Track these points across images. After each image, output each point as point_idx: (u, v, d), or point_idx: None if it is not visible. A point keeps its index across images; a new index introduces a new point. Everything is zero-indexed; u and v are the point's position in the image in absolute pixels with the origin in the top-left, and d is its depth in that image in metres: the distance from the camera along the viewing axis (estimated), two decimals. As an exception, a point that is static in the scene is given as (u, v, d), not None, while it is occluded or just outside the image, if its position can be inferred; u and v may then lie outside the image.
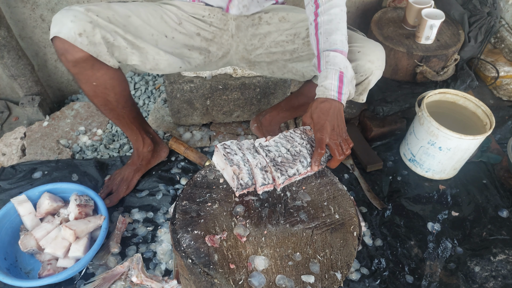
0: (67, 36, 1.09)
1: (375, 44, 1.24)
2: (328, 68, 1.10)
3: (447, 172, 1.71)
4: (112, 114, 1.38)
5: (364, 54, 1.20)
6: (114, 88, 1.28)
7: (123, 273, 1.33)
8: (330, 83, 1.08)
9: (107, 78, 1.24)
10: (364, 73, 1.23)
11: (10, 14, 1.77)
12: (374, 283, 1.39)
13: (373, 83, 1.27)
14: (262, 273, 0.92)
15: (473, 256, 1.48)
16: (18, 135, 1.84)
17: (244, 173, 1.05)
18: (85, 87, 1.25)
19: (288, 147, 1.09)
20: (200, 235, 0.98)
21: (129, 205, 1.58)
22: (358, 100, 1.32)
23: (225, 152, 1.08)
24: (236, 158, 1.07)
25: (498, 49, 2.18)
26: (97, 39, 1.12)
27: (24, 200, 1.40)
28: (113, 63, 1.21)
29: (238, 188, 1.04)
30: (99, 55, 1.16)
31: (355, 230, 1.02)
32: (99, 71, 1.21)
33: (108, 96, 1.29)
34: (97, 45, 1.13)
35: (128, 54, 1.20)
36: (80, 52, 1.12)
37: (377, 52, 1.22)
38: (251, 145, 1.13)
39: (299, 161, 1.06)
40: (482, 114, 1.68)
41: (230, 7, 1.32)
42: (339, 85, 1.08)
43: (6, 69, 1.78)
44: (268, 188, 1.07)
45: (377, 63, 1.22)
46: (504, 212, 1.62)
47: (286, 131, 1.13)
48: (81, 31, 1.09)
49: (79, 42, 1.10)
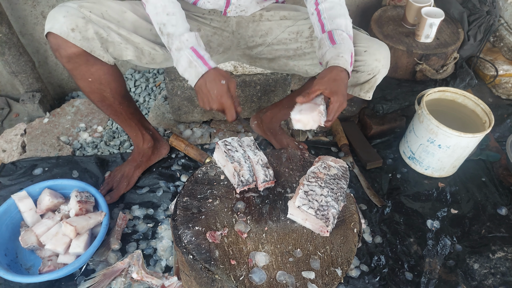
0: (59, 31, 1.10)
1: (380, 43, 1.27)
2: (342, 47, 1.13)
3: (446, 170, 1.72)
4: (110, 110, 1.38)
5: (370, 53, 1.23)
6: (110, 83, 1.29)
7: (123, 269, 1.34)
8: (348, 57, 1.12)
9: (101, 74, 1.25)
10: (371, 71, 1.25)
11: (11, 11, 1.77)
12: (374, 280, 1.40)
13: (379, 80, 1.30)
14: (263, 269, 0.92)
15: (472, 254, 1.49)
16: (18, 132, 1.84)
17: (245, 169, 1.06)
18: (80, 83, 1.26)
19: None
20: (201, 231, 0.98)
21: (130, 202, 1.58)
22: (365, 97, 1.34)
23: (226, 149, 1.09)
24: (237, 155, 1.08)
25: (497, 47, 2.19)
26: (90, 34, 1.13)
27: (25, 196, 1.40)
28: (108, 59, 1.21)
29: (239, 184, 1.05)
30: (93, 50, 1.17)
31: (355, 227, 1.03)
32: (93, 67, 1.21)
33: (104, 92, 1.30)
34: (90, 40, 1.14)
35: (123, 49, 1.21)
36: (73, 48, 1.14)
37: (383, 51, 1.25)
38: (251, 142, 1.14)
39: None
40: (481, 112, 1.68)
41: (227, 11, 1.32)
42: (351, 61, 1.13)
43: (7, 65, 1.78)
44: (269, 184, 1.08)
45: (383, 62, 1.25)
46: (503, 210, 1.62)
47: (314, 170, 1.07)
48: (73, 26, 1.11)
49: (72, 37, 1.11)
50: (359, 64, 1.24)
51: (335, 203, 0.98)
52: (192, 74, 1.08)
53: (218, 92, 1.06)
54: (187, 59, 1.08)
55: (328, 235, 0.98)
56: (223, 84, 1.07)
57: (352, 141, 1.84)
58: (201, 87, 1.08)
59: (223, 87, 1.07)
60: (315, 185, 1.00)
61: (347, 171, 1.08)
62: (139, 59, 1.26)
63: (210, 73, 1.07)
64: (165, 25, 1.12)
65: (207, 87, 1.07)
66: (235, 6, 1.31)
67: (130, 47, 1.21)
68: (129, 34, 1.19)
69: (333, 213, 0.96)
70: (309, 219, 0.98)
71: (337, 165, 1.08)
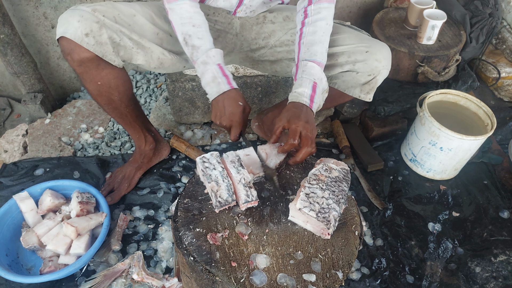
0: (73, 36, 1.09)
1: (381, 44, 1.27)
2: (304, 77, 1.14)
3: (448, 173, 1.71)
4: (116, 113, 1.38)
5: (371, 53, 1.23)
6: (118, 87, 1.29)
7: (124, 270, 1.33)
8: (303, 91, 1.13)
9: (111, 78, 1.24)
10: (372, 72, 1.25)
11: (14, 12, 1.77)
12: (375, 282, 1.39)
13: (379, 82, 1.30)
14: (263, 271, 0.92)
15: (473, 257, 1.48)
16: (20, 132, 1.84)
17: (222, 189, 1.01)
18: (89, 86, 1.25)
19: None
20: (202, 233, 0.98)
21: (130, 203, 1.58)
22: (365, 99, 1.34)
23: (203, 167, 1.05)
24: (214, 174, 1.03)
25: (499, 50, 2.18)
26: (103, 39, 1.12)
27: (26, 197, 1.40)
28: (118, 63, 1.21)
29: (217, 205, 1.00)
30: (105, 55, 1.16)
31: (356, 229, 1.02)
32: (103, 71, 1.21)
33: (112, 95, 1.29)
34: (103, 45, 1.13)
35: (134, 53, 1.21)
36: (86, 52, 1.13)
37: (384, 51, 1.25)
38: (236, 158, 1.08)
39: None
40: (483, 114, 1.68)
41: (237, 11, 1.33)
42: (311, 94, 1.12)
43: (9, 66, 1.78)
44: (252, 204, 1.02)
45: (384, 62, 1.25)
46: (505, 213, 1.62)
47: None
48: (88, 31, 1.10)
49: (86, 42, 1.11)
50: (359, 65, 1.24)
51: (336, 206, 0.97)
52: (213, 89, 1.14)
53: (233, 111, 1.12)
54: (212, 74, 1.14)
55: (329, 237, 0.97)
56: (239, 105, 1.13)
57: (353, 143, 1.84)
58: (219, 102, 1.14)
59: (239, 108, 1.13)
60: (316, 187, 1.00)
61: (348, 174, 1.08)
62: (148, 63, 1.26)
63: (231, 92, 1.13)
64: (191, 36, 1.15)
65: (224, 103, 1.13)
66: (246, 6, 1.31)
67: (140, 52, 1.21)
68: (140, 38, 1.20)
69: (335, 215, 0.96)
70: (310, 222, 0.98)
71: (339, 168, 1.07)
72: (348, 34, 1.31)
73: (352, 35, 1.30)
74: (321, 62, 1.17)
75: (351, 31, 1.33)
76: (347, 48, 1.28)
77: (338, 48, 1.29)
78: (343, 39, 1.30)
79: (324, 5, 1.21)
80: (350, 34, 1.31)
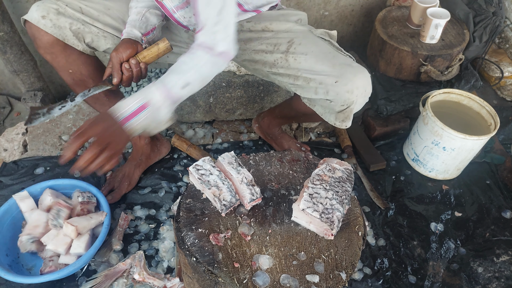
0: (31, 18, 1.15)
1: (355, 70, 1.14)
2: (144, 91, 1.00)
3: (450, 172, 1.70)
4: (97, 104, 1.39)
5: (342, 84, 1.12)
6: (91, 74, 1.29)
7: (125, 270, 1.33)
8: (129, 104, 0.98)
9: (80, 64, 1.26)
10: (344, 103, 1.16)
11: (13, 9, 1.76)
12: (377, 283, 1.39)
13: (356, 110, 1.20)
14: (266, 272, 0.91)
15: (476, 257, 1.47)
16: (20, 131, 1.83)
17: (224, 192, 1.00)
18: (63, 75, 1.28)
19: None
20: (204, 233, 0.97)
21: (131, 202, 1.57)
22: (341, 127, 1.25)
23: (199, 175, 1.03)
24: (212, 179, 1.02)
25: (502, 49, 2.17)
26: (61, 23, 1.16)
27: (26, 196, 1.39)
28: (83, 48, 1.23)
29: (223, 209, 1.00)
30: (65, 39, 1.19)
31: (359, 230, 1.02)
32: (70, 57, 1.23)
33: (87, 83, 1.30)
34: (62, 28, 1.17)
35: (100, 38, 1.23)
36: (46, 36, 1.16)
37: (356, 81, 1.13)
38: (233, 158, 1.07)
39: None
40: (486, 114, 1.67)
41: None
42: (133, 112, 0.98)
43: (9, 64, 1.77)
44: (256, 202, 1.03)
45: (357, 92, 1.13)
46: (508, 213, 1.61)
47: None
48: (44, 14, 1.14)
49: (43, 24, 1.15)
50: (332, 94, 1.15)
51: (340, 206, 0.96)
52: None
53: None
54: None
55: (333, 238, 0.97)
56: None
57: (356, 142, 1.83)
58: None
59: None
60: (320, 187, 0.99)
61: (352, 174, 1.07)
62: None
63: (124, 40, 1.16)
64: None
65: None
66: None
67: (108, 36, 1.24)
68: (104, 27, 1.22)
69: (338, 216, 0.95)
70: (313, 222, 0.97)
71: (342, 168, 1.06)
72: (315, 57, 1.18)
73: (321, 58, 1.18)
74: (169, 93, 1.01)
75: (319, 53, 1.19)
76: (316, 77, 1.17)
77: (307, 73, 1.18)
78: (312, 63, 1.18)
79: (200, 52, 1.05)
80: (318, 56, 1.18)
